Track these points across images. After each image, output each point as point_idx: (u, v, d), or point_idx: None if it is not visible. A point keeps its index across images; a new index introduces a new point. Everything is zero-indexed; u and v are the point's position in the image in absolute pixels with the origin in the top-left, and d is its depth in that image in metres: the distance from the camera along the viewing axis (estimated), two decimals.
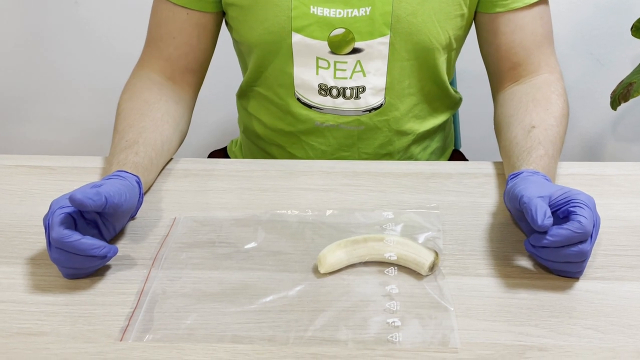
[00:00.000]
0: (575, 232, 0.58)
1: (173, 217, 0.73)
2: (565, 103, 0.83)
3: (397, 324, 0.57)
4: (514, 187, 0.65)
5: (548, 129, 0.77)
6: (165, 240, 0.69)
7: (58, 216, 0.61)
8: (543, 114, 0.79)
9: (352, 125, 0.89)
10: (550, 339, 0.56)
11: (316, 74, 0.86)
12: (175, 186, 0.80)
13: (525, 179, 0.67)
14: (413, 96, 0.90)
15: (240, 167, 0.84)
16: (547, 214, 0.59)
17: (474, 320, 0.59)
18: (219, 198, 0.77)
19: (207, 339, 0.57)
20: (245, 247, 0.67)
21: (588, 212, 0.60)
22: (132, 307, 0.60)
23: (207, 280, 0.63)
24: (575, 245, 0.59)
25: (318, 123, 0.89)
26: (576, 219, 0.59)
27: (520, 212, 0.64)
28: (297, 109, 0.89)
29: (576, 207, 0.60)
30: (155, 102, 0.83)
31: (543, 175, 0.69)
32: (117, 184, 0.66)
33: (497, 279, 0.63)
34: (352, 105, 0.87)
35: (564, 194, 0.62)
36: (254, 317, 0.59)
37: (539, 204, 0.60)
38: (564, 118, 0.81)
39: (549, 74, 0.86)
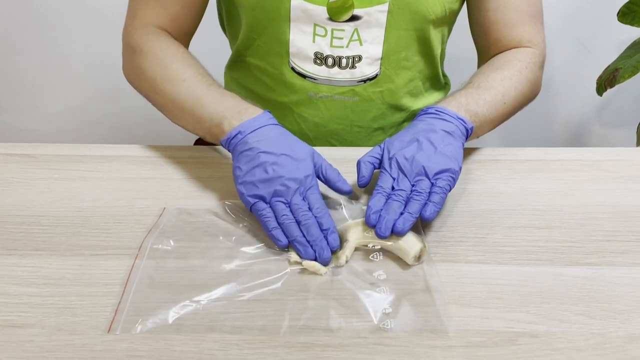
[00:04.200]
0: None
1: (159, 205, 0.72)
2: (527, 71, 0.83)
3: (388, 311, 0.57)
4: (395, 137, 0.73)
5: (483, 80, 0.80)
6: (151, 229, 0.68)
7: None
8: (487, 72, 0.81)
9: (346, 96, 0.89)
10: (541, 325, 0.56)
11: (312, 42, 0.84)
12: (160, 174, 0.78)
13: (406, 131, 0.73)
14: (408, 70, 0.89)
15: (225, 154, 0.83)
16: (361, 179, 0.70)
17: (465, 307, 0.58)
18: (205, 186, 0.76)
19: (196, 330, 0.56)
20: (233, 237, 0.66)
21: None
22: (117, 297, 0.59)
23: (195, 270, 0.62)
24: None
25: (312, 94, 0.88)
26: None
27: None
28: (291, 79, 0.88)
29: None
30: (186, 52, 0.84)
31: (442, 113, 0.73)
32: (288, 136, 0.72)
33: (488, 266, 0.63)
34: (348, 75, 0.87)
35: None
36: (244, 307, 0.58)
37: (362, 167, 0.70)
38: (515, 79, 0.82)
39: (525, 48, 0.87)
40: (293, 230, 0.64)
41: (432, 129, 0.72)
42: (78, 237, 0.67)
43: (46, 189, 0.75)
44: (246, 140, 0.70)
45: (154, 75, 0.80)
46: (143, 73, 0.82)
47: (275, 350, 0.54)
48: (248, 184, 0.67)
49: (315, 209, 0.66)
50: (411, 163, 0.68)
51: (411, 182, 0.67)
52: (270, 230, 0.64)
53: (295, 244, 0.63)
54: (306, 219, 0.64)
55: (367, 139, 0.93)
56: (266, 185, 0.66)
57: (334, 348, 0.54)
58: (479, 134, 0.78)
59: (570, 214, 0.71)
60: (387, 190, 0.67)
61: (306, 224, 0.64)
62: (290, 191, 0.66)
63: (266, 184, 0.66)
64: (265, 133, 0.70)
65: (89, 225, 0.69)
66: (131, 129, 1.68)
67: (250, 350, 0.54)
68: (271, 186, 0.66)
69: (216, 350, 0.54)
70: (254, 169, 0.67)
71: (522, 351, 0.54)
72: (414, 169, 0.68)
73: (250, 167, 0.68)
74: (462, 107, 0.75)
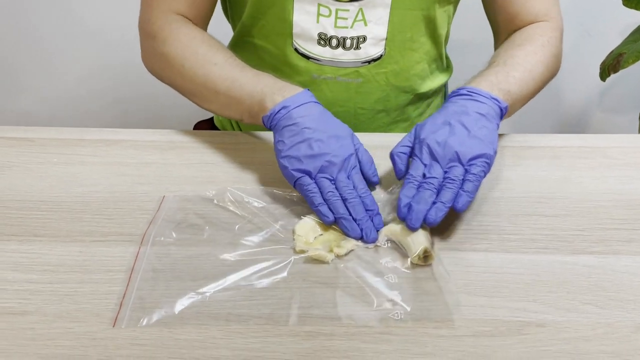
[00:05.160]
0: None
1: (159, 191, 0.71)
2: (550, 45, 0.81)
3: (394, 299, 0.56)
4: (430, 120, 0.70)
5: (508, 58, 0.77)
6: (154, 217, 0.66)
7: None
8: (511, 50, 0.79)
9: (351, 77, 0.87)
10: (548, 315, 0.56)
11: (316, 22, 0.83)
12: (160, 159, 0.77)
13: (439, 114, 0.70)
14: (414, 52, 0.88)
15: (227, 139, 0.82)
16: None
17: (471, 296, 0.58)
18: (206, 172, 0.75)
19: (200, 319, 0.55)
20: (237, 226, 0.65)
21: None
22: (119, 285, 0.58)
23: (199, 261, 0.61)
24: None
25: (315, 75, 0.87)
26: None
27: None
28: (295, 60, 0.86)
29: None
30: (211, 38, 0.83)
31: (476, 95, 0.71)
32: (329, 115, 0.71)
33: (494, 254, 0.62)
34: (352, 56, 0.85)
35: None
36: (249, 296, 0.57)
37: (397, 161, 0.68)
38: (539, 54, 0.80)
39: (543, 22, 0.85)
40: (339, 207, 0.63)
41: (465, 111, 0.69)
42: (78, 223, 0.66)
43: (45, 174, 0.74)
44: (290, 115, 0.69)
45: (181, 61, 0.79)
46: (168, 60, 0.80)
47: (280, 339, 0.53)
48: (292, 158, 0.66)
49: (360, 189, 0.65)
50: (443, 148, 0.65)
51: (444, 168, 0.65)
52: (316, 206, 0.64)
53: (343, 221, 0.63)
54: (352, 197, 0.64)
55: (370, 121, 0.92)
56: (311, 161, 0.66)
57: (339, 337, 0.53)
58: (510, 112, 0.76)
59: (576, 202, 0.70)
60: (418, 179, 0.65)
61: (352, 202, 0.63)
62: (336, 168, 0.66)
63: (311, 160, 0.66)
64: (309, 109, 0.69)
65: (89, 210, 0.68)
66: (131, 113, 1.66)
67: (255, 339, 0.53)
68: (317, 162, 0.66)
69: (220, 339, 0.53)
70: (298, 144, 0.67)
71: (528, 341, 0.53)
72: (446, 155, 0.65)
73: (295, 141, 0.67)
74: (495, 86, 0.72)
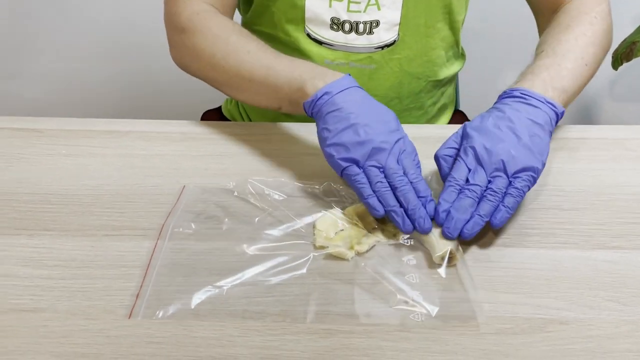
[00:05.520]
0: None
1: (171, 184, 0.69)
2: (598, 21, 0.78)
3: (416, 298, 0.55)
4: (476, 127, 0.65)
5: (557, 45, 0.74)
6: (173, 208, 0.65)
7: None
8: (558, 35, 0.76)
9: (364, 63, 0.86)
10: (570, 312, 0.55)
11: (329, 7, 0.81)
12: (171, 150, 0.76)
13: (490, 117, 0.66)
14: (430, 38, 0.86)
15: (238, 130, 0.80)
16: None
17: (492, 293, 0.57)
18: (217, 164, 0.74)
19: (217, 315, 0.54)
20: (257, 218, 0.64)
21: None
22: (133, 281, 0.57)
23: (217, 254, 0.60)
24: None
25: (328, 61, 0.85)
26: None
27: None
28: (307, 46, 0.85)
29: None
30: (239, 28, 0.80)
31: (527, 96, 0.67)
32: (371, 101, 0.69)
33: (514, 249, 0.61)
34: (365, 41, 0.84)
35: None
36: (266, 292, 0.56)
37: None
38: (589, 34, 0.76)
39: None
40: (389, 199, 0.61)
41: (517, 115, 0.65)
42: (89, 217, 0.65)
43: (54, 166, 0.72)
44: (334, 100, 0.66)
45: (212, 51, 0.76)
46: (199, 52, 0.77)
47: (297, 337, 0.52)
48: (338, 146, 0.64)
49: (411, 174, 0.62)
50: (490, 154, 0.62)
51: (488, 176, 0.62)
52: (365, 199, 0.61)
53: (393, 214, 0.60)
54: (402, 184, 0.61)
55: None
56: (359, 148, 0.63)
57: (358, 334, 0.52)
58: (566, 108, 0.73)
59: (595, 195, 0.69)
60: (460, 183, 0.62)
61: (402, 189, 0.61)
62: (385, 154, 0.63)
63: (359, 147, 0.63)
64: (352, 94, 0.67)
65: (100, 204, 0.67)
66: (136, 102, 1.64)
67: (272, 337, 0.52)
68: (364, 148, 0.63)
69: (237, 336, 0.52)
70: (344, 131, 0.64)
71: (552, 339, 0.52)
72: (492, 162, 0.62)
73: (340, 128, 0.64)
74: (549, 86, 0.69)
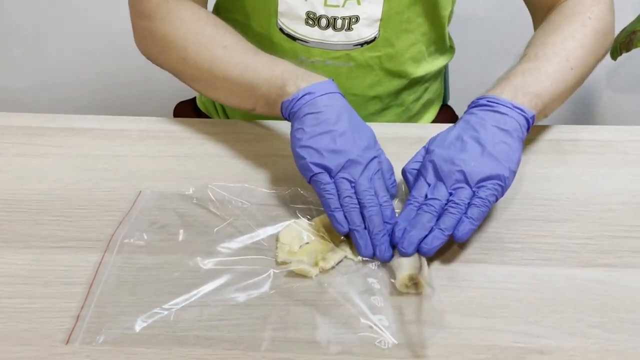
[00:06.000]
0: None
1: (128, 188, 0.64)
2: (593, 21, 0.72)
3: (381, 323, 0.50)
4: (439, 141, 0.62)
5: (542, 48, 0.69)
6: (126, 215, 0.60)
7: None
8: (545, 36, 0.71)
9: (341, 61, 0.80)
10: (552, 340, 0.50)
11: (304, 0, 0.76)
12: (130, 151, 0.71)
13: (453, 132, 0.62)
14: (410, 34, 0.81)
15: (206, 128, 0.75)
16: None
17: (465, 317, 0.52)
18: (180, 166, 0.68)
19: (163, 341, 0.49)
20: (215, 229, 0.59)
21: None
22: (75, 300, 0.52)
23: (169, 269, 0.55)
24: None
25: (302, 58, 0.80)
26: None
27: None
28: (279, 41, 0.79)
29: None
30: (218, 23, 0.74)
31: (494, 103, 0.63)
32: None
33: (491, 266, 0.56)
34: (343, 37, 0.78)
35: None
36: (218, 314, 0.51)
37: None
38: (579, 36, 0.71)
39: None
40: (355, 218, 0.56)
41: (482, 124, 0.61)
42: (35, 226, 0.60)
43: (1, 168, 0.67)
44: (315, 102, 0.61)
45: (184, 43, 0.70)
46: (169, 43, 0.72)
47: None
48: (312, 149, 0.59)
49: (382, 196, 0.58)
50: (449, 166, 0.58)
51: (448, 189, 0.58)
52: (331, 211, 0.57)
53: (355, 234, 0.56)
54: (372, 204, 0.57)
55: (362, 108, 0.85)
56: (334, 157, 0.59)
57: None
58: (547, 113, 0.68)
59: (583, 205, 0.64)
60: (419, 200, 0.58)
61: (371, 211, 0.56)
62: (359, 168, 0.58)
63: (334, 155, 0.59)
64: (334, 100, 0.62)
65: (48, 211, 0.62)
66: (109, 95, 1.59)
67: None
68: (339, 158, 0.58)
69: None
70: (321, 135, 0.60)
71: None
72: (452, 174, 0.58)
73: (317, 132, 0.60)
74: (519, 91, 0.64)
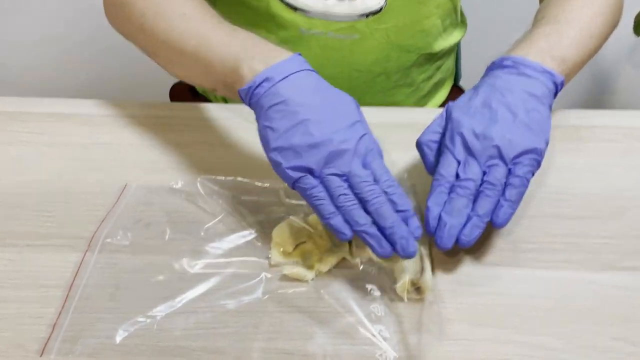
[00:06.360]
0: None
1: (114, 180, 0.60)
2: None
3: (384, 334, 0.46)
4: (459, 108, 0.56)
5: (560, 12, 0.64)
6: (109, 212, 0.56)
7: None
8: (562, 2, 0.66)
9: (345, 33, 0.75)
10: (569, 355, 0.46)
11: None
12: (117, 138, 0.66)
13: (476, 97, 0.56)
14: (423, 5, 0.75)
15: (204, 113, 0.70)
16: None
17: (474, 327, 0.48)
18: (169, 155, 0.64)
19: (145, 353, 0.45)
20: (205, 226, 0.55)
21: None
22: (52, 305, 0.49)
23: (152, 269, 0.51)
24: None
25: (303, 30, 0.74)
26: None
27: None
28: (279, 12, 0.74)
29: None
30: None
31: (520, 64, 0.57)
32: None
33: (503, 270, 0.52)
34: (347, 8, 0.72)
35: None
36: (206, 322, 0.47)
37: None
38: (597, 3, 0.66)
39: None
40: (358, 216, 0.48)
41: (510, 88, 0.56)
42: (12, 222, 0.56)
43: None
44: (277, 90, 0.52)
45: (142, 10, 0.63)
46: (129, 10, 0.65)
47: None
48: (287, 150, 0.50)
49: (384, 180, 0.50)
50: (482, 140, 0.52)
51: (482, 167, 0.52)
52: (326, 219, 0.48)
53: (364, 235, 0.47)
54: (374, 195, 0.48)
55: (367, 85, 0.80)
56: (313, 152, 0.50)
57: None
58: (566, 82, 0.62)
59: (603, 199, 0.59)
60: (449, 180, 0.52)
61: (375, 202, 0.48)
62: (347, 156, 0.50)
63: (313, 151, 0.50)
64: (300, 81, 0.54)
65: (27, 205, 0.58)
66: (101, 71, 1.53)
67: None
68: (320, 152, 0.50)
69: None
70: (292, 130, 0.51)
71: None
72: (486, 149, 0.52)
73: (287, 126, 0.51)
74: (546, 54, 0.59)
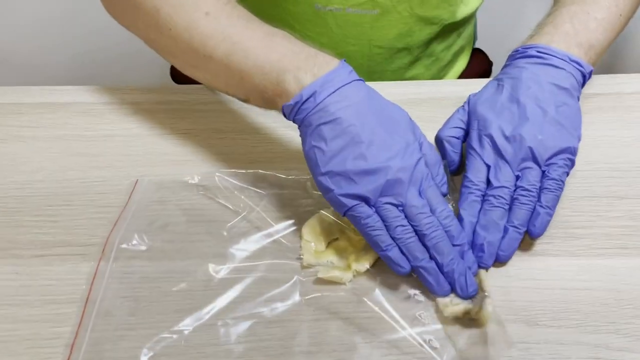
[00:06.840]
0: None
1: (120, 177, 0.55)
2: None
3: (433, 344, 0.42)
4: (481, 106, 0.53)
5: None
6: (121, 213, 0.51)
7: None
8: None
9: (365, 8, 0.68)
10: (638, 354, 0.42)
11: None
12: (119, 129, 0.61)
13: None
14: None
15: (204, 97, 0.64)
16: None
17: (530, 327, 0.44)
18: (179, 146, 0.59)
19: None
20: (227, 225, 0.50)
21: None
22: (67, 324, 0.44)
23: (175, 279, 0.47)
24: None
25: (319, 6, 0.68)
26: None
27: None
28: None
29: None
30: None
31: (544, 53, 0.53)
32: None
33: (556, 260, 0.48)
34: None
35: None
36: (240, 335, 0.43)
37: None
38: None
39: None
40: (416, 251, 0.45)
41: (537, 80, 0.52)
42: (13, 229, 0.51)
43: None
44: (327, 107, 0.47)
45: (155, 4, 0.55)
46: (138, 3, 0.57)
47: None
48: (338, 176, 0.46)
49: (440, 211, 0.47)
50: (514, 143, 0.49)
51: (514, 170, 0.49)
52: (383, 251, 0.45)
53: (422, 272, 0.45)
54: (433, 229, 0.45)
55: (387, 62, 0.74)
56: (368, 180, 0.46)
57: None
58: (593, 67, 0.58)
59: None
60: (480, 186, 0.49)
61: (433, 237, 0.45)
62: (404, 186, 0.46)
63: (368, 178, 0.46)
64: (350, 95, 0.48)
65: (28, 209, 0.53)
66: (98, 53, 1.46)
67: None
68: (376, 180, 0.46)
69: None
70: (344, 152, 0.46)
71: None
72: (518, 153, 0.49)
73: (338, 148, 0.46)
74: (572, 41, 0.55)
